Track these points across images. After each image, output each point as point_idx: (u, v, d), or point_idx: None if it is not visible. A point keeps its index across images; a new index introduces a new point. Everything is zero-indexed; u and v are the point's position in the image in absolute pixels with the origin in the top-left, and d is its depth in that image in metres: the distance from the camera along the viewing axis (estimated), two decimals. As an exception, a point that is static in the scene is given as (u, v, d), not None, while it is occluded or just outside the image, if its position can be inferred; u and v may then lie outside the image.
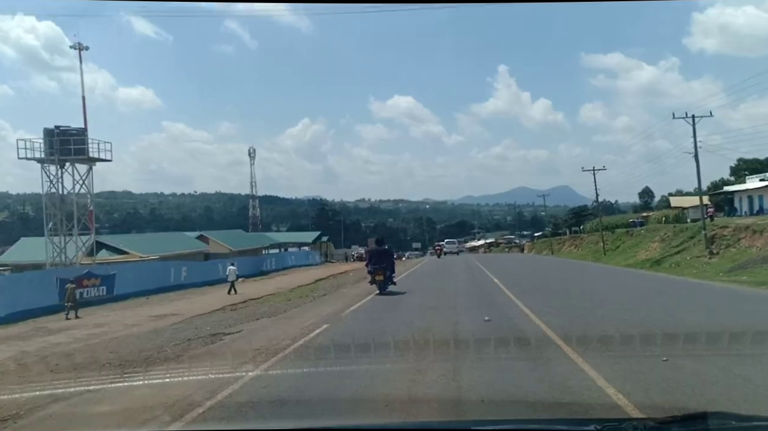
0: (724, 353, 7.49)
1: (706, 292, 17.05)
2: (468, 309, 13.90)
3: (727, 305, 13.72)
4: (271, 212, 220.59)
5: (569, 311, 12.51)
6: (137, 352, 9.82)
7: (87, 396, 6.58)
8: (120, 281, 22.75)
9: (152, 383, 7.52)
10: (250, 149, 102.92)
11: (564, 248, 62.43)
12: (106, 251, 35.08)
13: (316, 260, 51.42)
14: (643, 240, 40.38)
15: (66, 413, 5.92)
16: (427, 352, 8.34)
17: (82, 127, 32.70)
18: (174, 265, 28.62)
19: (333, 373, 7.30)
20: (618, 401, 5.36)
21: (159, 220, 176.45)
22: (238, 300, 19.93)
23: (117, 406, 6.11)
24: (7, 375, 8.82)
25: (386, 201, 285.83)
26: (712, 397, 5.45)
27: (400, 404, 5.62)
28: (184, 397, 6.09)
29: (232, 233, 56.30)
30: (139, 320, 15.68)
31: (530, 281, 22.45)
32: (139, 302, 21.33)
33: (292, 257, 47.40)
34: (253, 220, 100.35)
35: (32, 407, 6.15)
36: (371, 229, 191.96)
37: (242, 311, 16.26)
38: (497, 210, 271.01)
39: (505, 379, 6.47)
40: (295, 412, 5.82)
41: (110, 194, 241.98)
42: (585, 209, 76.16)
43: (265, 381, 6.96)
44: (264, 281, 30.17)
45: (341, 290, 21.53)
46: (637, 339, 8.63)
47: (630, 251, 39.74)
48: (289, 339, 9.99)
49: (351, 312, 13.77)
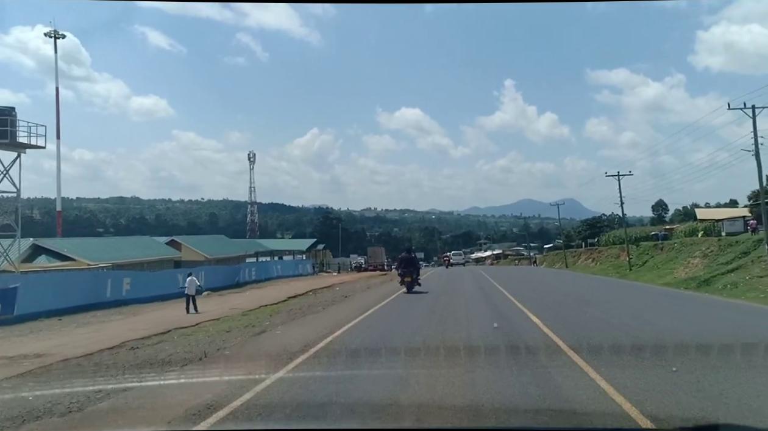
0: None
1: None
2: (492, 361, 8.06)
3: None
4: (277, 219, 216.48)
5: (635, 362, 6.73)
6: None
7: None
8: (25, 297, 16.98)
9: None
10: (250, 153, 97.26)
11: (580, 262, 56.22)
12: (47, 256, 29.27)
13: (306, 269, 45.40)
14: (679, 255, 34.25)
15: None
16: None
17: (10, 106, 26.18)
18: (112, 275, 22.67)
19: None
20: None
21: (164, 225, 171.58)
22: (174, 326, 14.26)
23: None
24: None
25: (392, 211, 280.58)
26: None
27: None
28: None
29: (212, 239, 49.80)
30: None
31: (561, 305, 16.55)
32: (40, 327, 15.56)
33: (277, 266, 41.39)
34: (251, 226, 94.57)
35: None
36: (376, 238, 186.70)
37: (141, 354, 10.49)
38: (503, 222, 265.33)
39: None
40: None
41: (119, 200, 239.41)
42: (599, 220, 69.75)
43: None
44: (231, 296, 24.41)
45: (306, 317, 15.67)
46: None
47: (664, 268, 33.62)
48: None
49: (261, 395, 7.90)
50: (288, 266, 44.14)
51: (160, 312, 18.93)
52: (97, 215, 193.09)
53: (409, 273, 21.11)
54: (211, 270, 29.53)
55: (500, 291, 21.89)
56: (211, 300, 22.59)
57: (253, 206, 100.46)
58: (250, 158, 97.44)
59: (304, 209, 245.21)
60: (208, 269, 28.52)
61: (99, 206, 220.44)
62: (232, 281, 29.55)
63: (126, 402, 6.71)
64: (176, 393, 7.20)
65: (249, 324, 14.03)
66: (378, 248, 61.82)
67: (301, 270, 43.77)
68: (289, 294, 22.97)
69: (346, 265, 62.87)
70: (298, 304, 19.11)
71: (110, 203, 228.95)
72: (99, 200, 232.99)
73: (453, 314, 14.94)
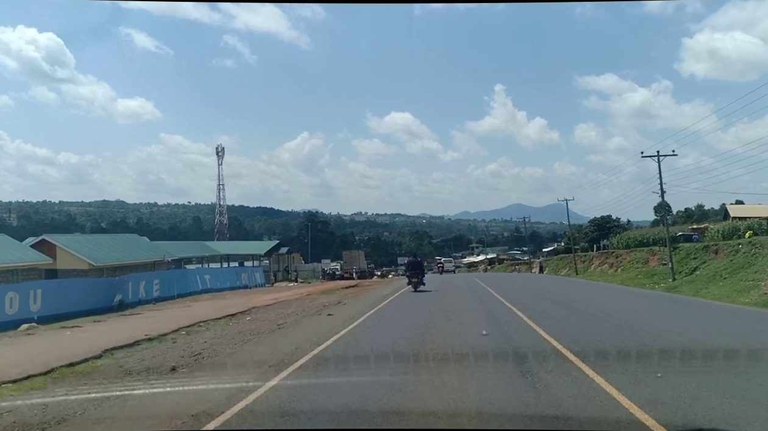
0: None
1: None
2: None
3: None
4: (265, 223, 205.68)
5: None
6: None
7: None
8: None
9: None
10: (218, 146, 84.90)
11: (593, 268, 45.73)
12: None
13: (255, 280, 34.50)
14: (756, 261, 23.94)
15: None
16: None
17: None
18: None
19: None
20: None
21: (144, 229, 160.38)
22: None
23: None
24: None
25: (383, 215, 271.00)
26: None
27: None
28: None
29: (111, 241, 35.78)
30: None
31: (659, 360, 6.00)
32: None
33: (205, 276, 29.42)
34: (219, 228, 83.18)
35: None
36: (365, 242, 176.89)
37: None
38: (494, 226, 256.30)
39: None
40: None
41: (102, 203, 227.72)
42: (609, 221, 59.35)
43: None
44: (85, 330, 13.70)
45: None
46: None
47: (736, 278, 23.25)
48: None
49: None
50: (224, 275, 32.62)
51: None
52: (75, 218, 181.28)
53: (415, 275, 24.33)
54: (78, 284, 18.90)
55: (528, 325, 11.46)
56: (47, 336, 12.21)
57: (222, 207, 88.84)
58: (219, 152, 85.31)
59: (294, 213, 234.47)
60: (53, 284, 17.97)
61: (81, 209, 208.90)
62: (108, 303, 18.93)
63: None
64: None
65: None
66: (355, 251, 50.98)
67: (246, 281, 32.76)
68: (174, 327, 12.37)
69: (295, 276, 50.96)
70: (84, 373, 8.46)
71: (93, 206, 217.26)
72: (82, 203, 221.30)
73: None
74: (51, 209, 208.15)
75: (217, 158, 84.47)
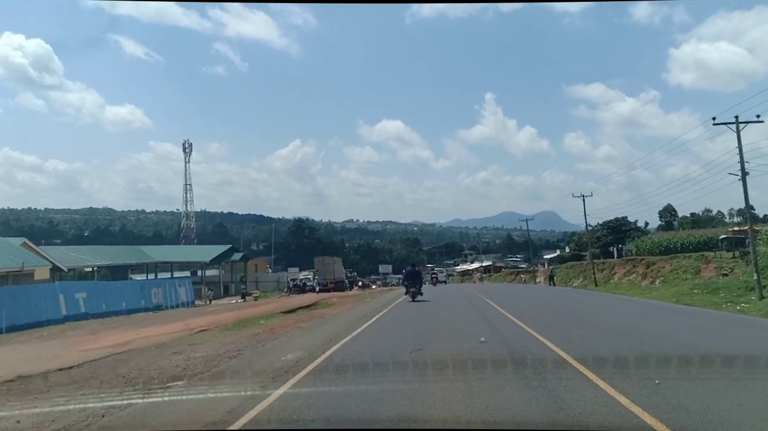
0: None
1: None
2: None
3: None
4: (253, 230, 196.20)
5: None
6: None
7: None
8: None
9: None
10: (185, 142, 73.38)
11: (617, 279, 36.82)
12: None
13: (176, 297, 24.89)
14: None
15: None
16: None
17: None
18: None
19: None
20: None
21: (128, 236, 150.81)
22: None
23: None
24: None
25: (374, 222, 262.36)
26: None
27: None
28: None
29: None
30: None
31: None
32: None
33: (77, 295, 19.05)
34: (186, 232, 73.53)
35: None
36: (355, 249, 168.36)
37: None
38: (485, 233, 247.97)
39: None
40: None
41: (89, 211, 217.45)
42: (625, 223, 50.46)
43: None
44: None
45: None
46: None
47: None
48: None
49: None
50: (117, 292, 21.82)
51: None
52: (58, 225, 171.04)
53: (413, 285, 23.54)
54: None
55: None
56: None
57: (189, 210, 79.06)
58: (186, 148, 74.52)
59: (284, 220, 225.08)
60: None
61: (67, 216, 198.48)
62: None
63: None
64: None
65: None
66: (328, 258, 40.87)
67: (160, 299, 23.26)
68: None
69: (247, 290, 40.51)
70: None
71: (79, 213, 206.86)
72: (68, 210, 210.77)
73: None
74: (35, 216, 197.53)
75: (184, 154, 74.30)
